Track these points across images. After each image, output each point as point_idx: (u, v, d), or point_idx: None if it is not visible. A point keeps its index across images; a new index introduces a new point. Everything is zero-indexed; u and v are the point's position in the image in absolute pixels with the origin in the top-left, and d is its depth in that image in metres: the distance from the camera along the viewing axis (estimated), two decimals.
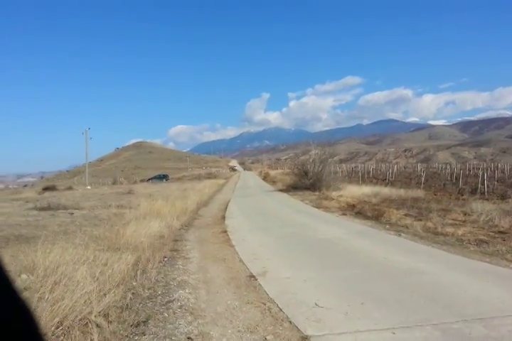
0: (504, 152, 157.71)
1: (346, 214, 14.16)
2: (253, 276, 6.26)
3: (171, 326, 4.22)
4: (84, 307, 4.13)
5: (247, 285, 5.84)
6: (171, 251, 8.24)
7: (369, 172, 47.60)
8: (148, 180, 65.52)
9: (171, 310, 4.70)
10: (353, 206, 15.51)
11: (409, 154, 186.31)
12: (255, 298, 5.25)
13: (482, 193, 22.94)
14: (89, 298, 4.33)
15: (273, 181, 42.10)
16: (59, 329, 3.75)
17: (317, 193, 23.56)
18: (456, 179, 31.81)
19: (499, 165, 53.24)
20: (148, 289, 5.43)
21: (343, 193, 21.37)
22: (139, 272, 6.03)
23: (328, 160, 28.48)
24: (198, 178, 61.09)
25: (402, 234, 9.81)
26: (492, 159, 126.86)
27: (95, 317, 4.06)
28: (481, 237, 8.80)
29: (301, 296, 5.18)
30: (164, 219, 11.06)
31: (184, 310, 4.73)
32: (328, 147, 31.98)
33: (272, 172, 61.81)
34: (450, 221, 11.22)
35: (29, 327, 0.93)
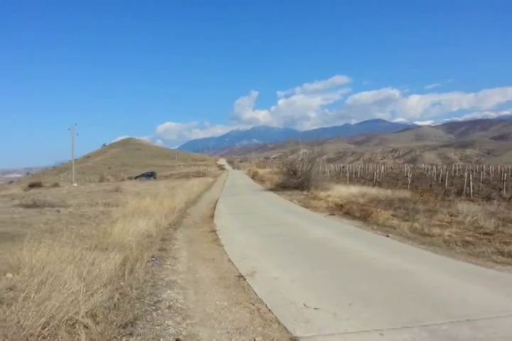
0: (489, 153, 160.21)
1: (334, 214, 14.22)
2: (242, 276, 6.26)
3: (159, 327, 4.19)
4: (71, 308, 4.07)
5: (235, 286, 5.83)
6: (159, 250, 8.19)
7: (357, 173, 47.90)
8: (136, 177, 65.05)
9: (159, 311, 4.67)
10: (341, 206, 15.59)
11: (396, 154, 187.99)
12: (244, 298, 5.25)
13: (467, 194, 23.25)
14: (76, 298, 4.27)
15: (261, 180, 42.12)
16: (45, 329, 3.70)
17: (305, 193, 23.64)
18: (442, 180, 32.19)
19: (484, 166, 54.06)
20: (136, 289, 5.38)
21: (331, 193, 21.47)
22: (126, 272, 5.97)
23: (317, 160, 28.57)
24: (187, 176, 60.85)
25: (390, 234, 9.89)
26: (477, 160, 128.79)
27: (82, 317, 4.01)
28: (467, 238, 8.91)
29: (290, 296, 5.19)
30: (152, 218, 10.99)
31: (173, 311, 4.70)
32: (317, 146, 32.07)
33: (261, 171, 61.82)
34: (436, 222, 11.35)
35: None
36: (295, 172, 27.86)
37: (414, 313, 4.47)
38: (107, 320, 4.15)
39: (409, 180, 31.09)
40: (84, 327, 3.86)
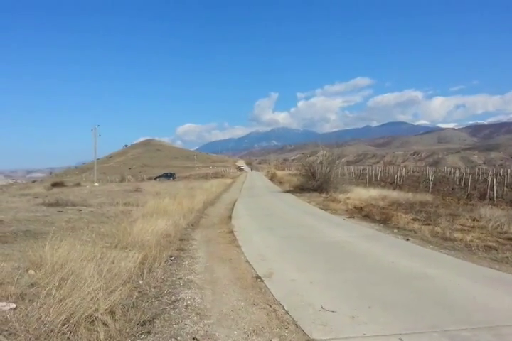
0: None
1: (354, 216, 14.09)
2: (259, 277, 6.25)
3: (177, 326, 4.22)
4: (90, 305, 4.14)
5: (253, 287, 5.82)
6: (178, 250, 8.26)
7: (377, 175, 47.37)
8: (156, 178, 65.82)
9: (176, 310, 4.70)
10: (361, 209, 15.44)
11: (418, 157, 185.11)
12: (261, 299, 5.23)
13: (491, 199, 22.73)
14: (95, 296, 4.34)
15: (280, 182, 42.08)
16: (65, 326, 3.76)
17: (324, 195, 23.49)
18: (464, 184, 31.55)
19: (509, 170, 52.70)
20: (154, 288, 5.44)
21: (351, 196, 21.29)
22: (145, 270, 6.05)
23: (336, 162, 28.36)
24: (205, 177, 61.25)
25: (410, 238, 9.73)
26: (501, 164, 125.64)
27: (101, 314, 4.07)
28: (490, 243, 8.70)
29: (308, 299, 5.15)
30: (171, 218, 11.08)
31: (190, 310, 4.73)
32: (337, 148, 31.83)
33: (279, 173, 61.76)
34: (458, 226, 11.12)
35: None
36: (314, 175, 27.72)
37: (435, 318, 4.38)
38: (126, 317, 4.21)
39: (431, 183, 30.58)
40: (103, 324, 3.92)
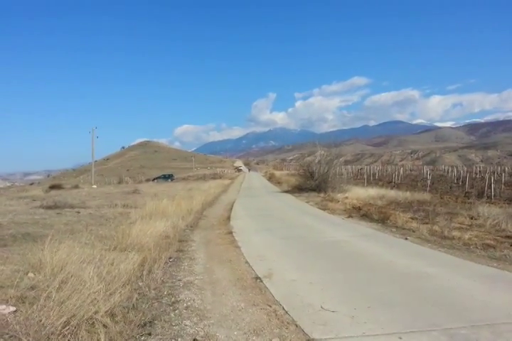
0: (511, 155, 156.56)
1: (352, 216, 14.12)
2: (259, 278, 6.26)
3: (177, 327, 4.23)
4: (90, 307, 4.14)
5: (252, 287, 5.84)
6: (177, 251, 8.27)
7: (375, 175, 47.44)
8: (154, 179, 65.73)
9: (177, 311, 4.72)
10: (359, 208, 15.47)
11: (416, 156, 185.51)
12: (261, 300, 5.25)
13: (489, 197, 22.78)
14: (95, 298, 4.35)
15: (278, 182, 42.11)
16: (66, 328, 3.77)
17: (322, 195, 23.52)
18: (462, 182, 31.62)
19: (506, 168, 52.86)
20: (154, 289, 5.45)
21: (349, 195, 21.32)
22: (145, 272, 6.05)
23: (334, 162, 28.40)
24: (203, 178, 61.22)
25: (409, 237, 9.76)
26: (499, 162, 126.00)
27: (102, 316, 4.07)
28: (488, 242, 8.74)
29: (307, 299, 5.16)
30: (170, 219, 11.08)
31: (190, 311, 4.74)
32: (334, 148, 31.86)
33: (277, 173, 61.80)
34: (457, 225, 11.17)
35: None
36: (312, 174, 27.76)
37: (434, 317, 4.41)
38: (126, 319, 4.21)
39: (429, 182, 30.64)
40: (104, 326, 3.93)
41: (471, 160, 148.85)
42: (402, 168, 58.54)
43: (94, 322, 3.98)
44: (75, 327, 3.81)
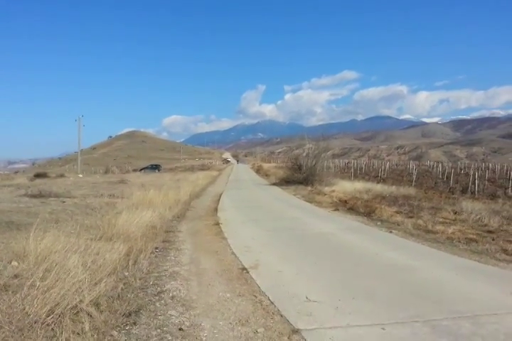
0: (495, 152, 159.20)
1: (338, 209, 14.23)
2: (245, 269, 6.28)
3: (163, 317, 4.23)
4: (75, 296, 4.11)
5: (238, 278, 5.86)
6: (163, 242, 8.25)
7: (361, 169, 47.80)
8: (141, 170, 65.19)
9: (162, 301, 4.71)
10: (345, 202, 15.58)
11: (402, 151, 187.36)
12: (247, 290, 5.27)
13: (472, 192, 23.18)
14: (80, 287, 4.32)
15: (266, 174, 42.14)
16: (50, 317, 3.74)
17: (310, 188, 23.62)
18: (447, 178, 32.07)
19: (490, 165, 53.74)
20: (139, 279, 5.43)
21: (336, 188, 21.45)
22: (130, 262, 6.02)
23: (322, 155, 28.50)
24: (191, 169, 60.96)
25: (394, 230, 9.88)
26: (483, 159, 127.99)
27: (86, 306, 4.05)
28: (471, 236, 8.89)
29: (293, 290, 5.20)
30: (156, 210, 11.03)
31: (176, 301, 4.74)
32: (322, 142, 31.96)
33: (265, 166, 61.84)
34: (441, 219, 11.33)
35: None
36: (300, 167, 27.84)
37: (417, 308, 4.48)
38: (111, 309, 4.20)
39: (414, 177, 31.00)
40: (88, 315, 3.90)
41: (456, 156, 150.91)
42: (388, 163, 59.07)
43: (78, 311, 3.95)
44: (59, 316, 3.78)
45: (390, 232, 9.73)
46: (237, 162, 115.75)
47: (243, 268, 6.33)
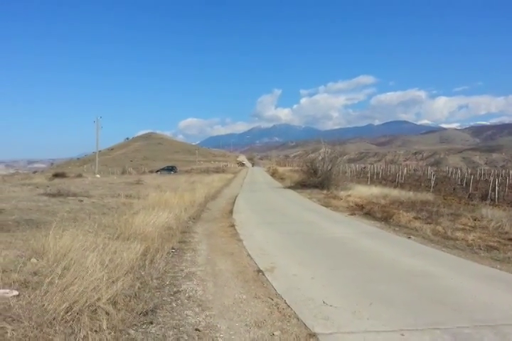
0: None
1: (355, 214, 14.08)
2: (261, 271, 6.25)
3: (179, 316, 4.23)
4: (93, 294, 4.15)
5: (254, 280, 5.83)
6: (179, 242, 8.28)
7: (378, 174, 47.32)
8: (157, 171, 65.73)
9: (178, 301, 4.72)
10: (362, 206, 15.42)
11: (420, 157, 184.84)
12: (263, 293, 5.24)
13: (492, 199, 22.70)
14: (98, 285, 4.36)
15: (281, 178, 42.04)
16: (68, 314, 3.77)
17: (325, 192, 23.47)
18: (466, 184, 31.51)
19: (511, 171, 52.60)
20: (156, 279, 5.45)
21: (352, 193, 21.25)
22: (147, 262, 6.06)
23: (338, 159, 28.32)
24: (206, 172, 61.15)
25: (412, 236, 9.72)
26: (503, 165, 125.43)
27: (104, 304, 4.08)
28: (492, 243, 8.69)
29: (309, 293, 5.15)
30: (172, 211, 11.09)
31: (192, 302, 4.74)
32: (338, 146, 31.75)
33: (281, 169, 61.68)
34: (460, 226, 11.10)
35: None
36: (315, 171, 27.70)
37: (436, 315, 4.38)
38: (128, 307, 4.22)
39: (433, 182, 30.55)
40: (106, 313, 3.93)
41: (475, 163, 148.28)
42: (405, 168, 58.32)
43: (96, 309, 3.98)
44: (77, 313, 3.82)
45: (409, 238, 9.57)
46: (252, 165, 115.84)
47: (259, 271, 6.30)
